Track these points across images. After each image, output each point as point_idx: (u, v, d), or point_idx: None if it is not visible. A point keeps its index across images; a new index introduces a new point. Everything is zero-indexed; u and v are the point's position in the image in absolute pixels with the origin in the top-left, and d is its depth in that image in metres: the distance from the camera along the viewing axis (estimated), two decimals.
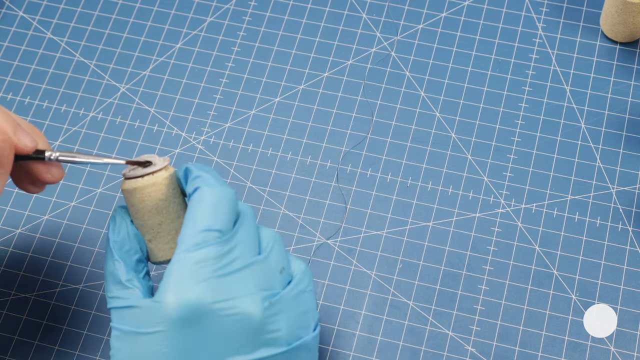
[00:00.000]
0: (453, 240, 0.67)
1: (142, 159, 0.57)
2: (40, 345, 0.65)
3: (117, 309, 0.55)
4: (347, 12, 0.76)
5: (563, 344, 0.63)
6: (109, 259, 0.57)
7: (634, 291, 0.65)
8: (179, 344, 0.53)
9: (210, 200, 0.55)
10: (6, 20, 0.77)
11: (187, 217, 0.55)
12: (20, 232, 0.69)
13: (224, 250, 0.54)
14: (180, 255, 0.54)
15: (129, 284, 0.55)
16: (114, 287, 0.56)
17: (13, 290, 0.67)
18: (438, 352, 0.63)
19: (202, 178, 0.56)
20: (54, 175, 0.58)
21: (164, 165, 0.57)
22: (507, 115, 0.71)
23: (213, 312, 0.53)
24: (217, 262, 0.54)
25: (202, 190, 0.55)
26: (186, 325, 0.53)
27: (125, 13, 0.77)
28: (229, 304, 0.53)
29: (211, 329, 0.53)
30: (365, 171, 0.70)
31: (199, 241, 0.54)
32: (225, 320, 0.53)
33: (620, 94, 0.71)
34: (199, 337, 0.53)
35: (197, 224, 0.54)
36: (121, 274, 0.56)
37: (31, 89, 0.74)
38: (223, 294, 0.53)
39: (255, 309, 0.54)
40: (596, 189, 0.68)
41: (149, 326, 0.53)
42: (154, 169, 0.57)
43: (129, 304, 0.55)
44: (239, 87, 0.73)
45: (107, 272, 0.57)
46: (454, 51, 0.74)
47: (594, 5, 0.75)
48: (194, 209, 0.55)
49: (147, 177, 0.56)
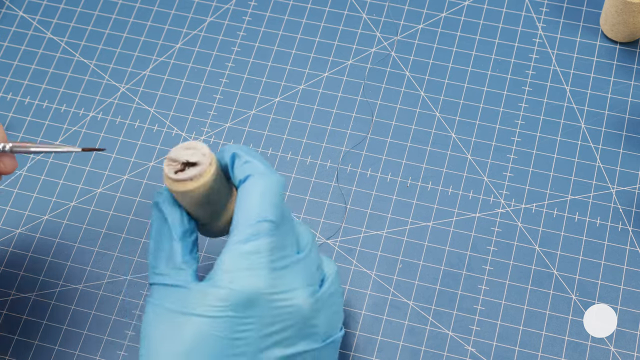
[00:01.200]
0: (453, 240, 0.67)
1: (182, 157, 0.56)
2: (40, 345, 0.65)
3: (162, 286, 0.55)
4: (347, 12, 0.76)
5: (563, 344, 0.63)
6: (164, 237, 0.56)
7: (634, 291, 0.65)
8: (231, 329, 0.53)
9: (263, 190, 0.55)
10: (6, 20, 0.77)
11: (239, 205, 0.55)
12: (20, 232, 0.69)
13: (278, 242, 0.55)
14: (236, 245, 0.54)
15: (183, 266, 0.56)
16: (164, 265, 0.56)
17: (13, 290, 0.67)
18: (438, 352, 0.63)
19: (251, 164, 0.56)
20: (6, 165, 0.58)
21: (208, 162, 0.56)
22: (507, 115, 0.71)
23: (269, 302, 0.54)
24: (272, 253, 0.54)
25: (254, 178, 0.56)
26: (241, 312, 0.53)
27: (125, 13, 0.77)
28: (284, 295, 0.54)
29: (264, 318, 0.54)
30: (365, 171, 0.70)
31: (254, 231, 0.54)
32: (279, 310, 0.54)
33: (620, 94, 0.71)
34: (252, 324, 0.54)
35: (251, 214, 0.55)
36: (178, 255, 0.56)
37: (31, 89, 0.74)
38: (278, 284, 0.54)
39: (306, 302, 0.55)
40: (596, 189, 0.68)
41: (200, 309, 0.53)
42: (201, 169, 0.55)
43: (180, 283, 0.55)
44: (239, 87, 0.73)
45: (159, 248, 0.56)
46: (454, 51, 0.74)
47: (594, 5, 0.75)
48: (246, 197, 0.55)
49: (196, 179, 0.56)
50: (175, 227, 0.57)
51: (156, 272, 0.56)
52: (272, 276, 0.54)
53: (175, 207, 0.57)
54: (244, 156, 0.57)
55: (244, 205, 0.55)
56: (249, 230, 0.54)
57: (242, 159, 0.57)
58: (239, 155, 0.57)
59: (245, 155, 0.57)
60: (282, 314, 0.54)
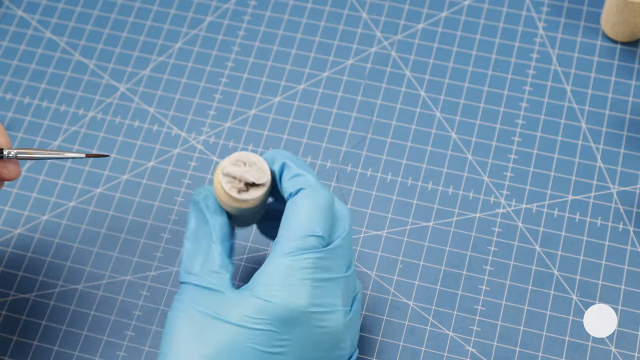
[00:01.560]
0: (453, 241, 0.67)
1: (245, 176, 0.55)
2: (40, 345, 0.65)
3: (195, 287, 0.55)
4: (347, 12, 0.76)
5: (564, 345, 0.63)
6: (202, 237, 0.56)
7: (635, 291, 0.65)
8: (267, 343, 0.53)
9: (314, 204, 0.55)
10: (5, 20, 0.77)
11: (288, 218, 0.55)
12: (20, 232, 0.69)
13: (326, 259, 0.54)
14: (281, 257, 0.53)
15: (221, 270, 0.55)
16: (200, 266, 0.55)
17: (12, 290, 0.67)
18: (438, 353, 0.63)
19: (302, 178, 0.56)
20: (10, 172, 0.58)
21: (268, 179, 0.56)
22: (507, 115, 0.71)
23: (307, 320, 0.53)
24: (317, 270, 0.54)
25: (306, 192, 0.55)
26: (280, 327, 0.53)
27: (124, 13, 0.77)
28: (324, 316, 0.54)
29: (302, 336, 0.53)
30: (365, 171, 0.70)
31: (302, 246, 0.54)
32: (317, 330, 0.54)
33: (621, 94, 0.71)
34: (289, 340, 0.53)
35: (299, 228, 0.54)
36: (216, 258, 0.55)
37: (30, 89, 0.74)
38: (319, 303, 0.54)
39: (342, 323, 0.54)
40: (597, 189, 0.68)
41: (237, 317, 0.53)
42: (263, 190, 0.55)
43: (216, 287, 0.54)
44: (239, 87, 0.73)
45: (196, 249, 0.56)
46: (454, 51, 0.74)
47: (594, 5, 0.75)
48: (296, 211, 0.55)
49: (255, 198, 0.55)
50: (217, 229, 0.56)
51: (190, 272, 0.55)
52: (314, 294, 0.53)
53: (219, 209, 0.57)
54: (294, 168, 0.56)
55: (293, 218, 0.55)
56: (295, 243, 0.54)
57: (292, 171, 0.56)
58: (288, 166, 0.56)
59: (295, 167, 0.56)
60: (320, 334, 0.54)
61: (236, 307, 0.53)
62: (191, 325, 0.54)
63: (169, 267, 0.67)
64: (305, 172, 0.56)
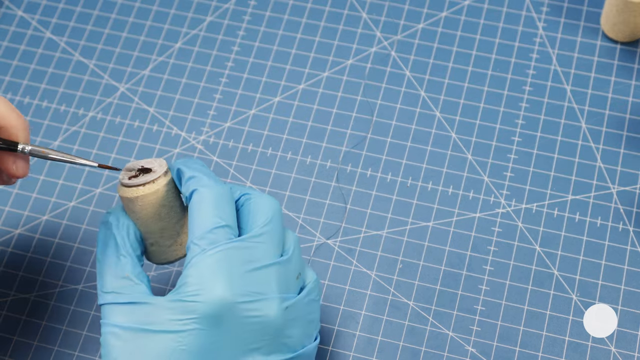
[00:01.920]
0: (453, 241, 0.67)
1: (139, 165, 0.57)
2: (40, 345, 0.65)
3: (116, 305, 0.54)
4: (347, 12, 0.76)
5: (563, 344, 0.63)
6: (111, 254, 0.56)
7: (635, 291, 0.65)
8: (199, 342, 0.52)
9: (211, 200, 0.55)
10: (5, 20, 0.77)
11: (191, 220, 0.55)
12: (20, 232, 0.69)
13: (245, 248, 0.54)
14: (197, 257, 0.53)
15: (136, 280, 0.55)
16: (115, 282, 0.55)
17: (13, 290, 0.67)
18: (438, 353, 0.63)
19: (196, 179, 0.56)
20: (18, 168, 0.57)
21: (163, 171, 0.56)
22: (507, 115, 0.71)
23: (237, 312, 0.53)
24: (238, 259, 0.53)
25: (200, 192, 0.55)
26: (210, 324, 0.52)
27: (124, 13, 0.77)
28: (254, 305, 0.53)
29: (233, 329, 0.53)
30: (365, 171, 0.70)
31: (211, 240, 0.53)
32: (248, 320, 0.53)
33: (621, 94, 0.71)
34: (221, 335, 0.53)
35: (204, 224, 0.54)
36: (128, 269, 0.55)
37: (30, 89, 0.74)
38: (247, 293, 0.53)
39: (277, 312, 0.54)
40: (597, 189, 0.68)
41: (166, 324, 0.52)
42: (154, 176, 0.56)
43: (138, 300, 0.54)
44: (239, 87, 0.73)
45: (106, 266, 0.55)
46: (454, 51, 0.74)
47: (594, 5, 0.75)
48: (196, 211, 0.55)
49: (148, 185, 0.56)
50: (124, 240, 0.56)
51: (106, 291, 0.55)
52: (238, 284, 0.53)
53: (125, 219, 0.56)
54: (187, 172, 0.56)
55: (193, 219, 0.54)
56: (204, 241, 0.53)
57: (186, 175, 0.56)
58: (182, 171, 0.56)
59: (188, 170, 0.56)
60: (252, 324, 0.53)
61: (161, 314, 0.53)
62: (123, 344, 0.53)
63: (169, 267, 0.67)
64: (197, 173, 0.56)
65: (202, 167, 0.57)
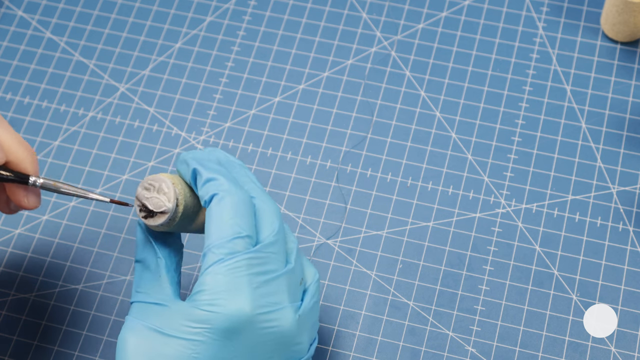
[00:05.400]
0: (453, 241, 0.67)
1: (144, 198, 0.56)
2: (40, 345, 0.65)
3: (143, 304, 0.54)
4: (347, 12, 0.76)
5: (563, 344, 0.63)
6: (149, 255, 0.56)
7: (635, 291, 0.65)
8: (214, 353, 0.52)
9: (231, 207, 0.54)
10: (5, 20, 0.77)
11: (209, 225, 0.54)
12: (20, 232, 0.69)
13: (260, 259, 0.53)
14: (213, 266, 0.53)
15: (166, 284, 0.55)
16: (147, 283, 0.55)
17: (12, 290, 0.67)
18: (438, 353, 0.63)
19: (214, 182, 0.54)
20: (29, 202, 0.57)
21: (175, 198, 0.55)
22: (507, 115, 0.71)
23: (255, 324, 0.53)
24: (255, 271, 0.53)
25: (219, 197, 0.54)
26: (224, 336, 0.52)
27: (124, 12, 0.77)
28: (270, 316, 0.53)
29: (250, 341, 0.53)
30: (365, 171, 0.70)
31: (231, 250, 0.53)
32: (265, 332, 0.53)
33: (621, 94, 0.71)
34: (236, 347, 0.53)
35: (224, 232, 0.53)
36: (162, 272, 0.55)
37: (30, 89, 0.74)
38: (264, 305, 0.53)
39: (292, 321, 0.54)
40: (597, 189, 0.68)
41: (181, 330, 0.52)
42: (164, 217, 0.55)
43: (160, 301, 0.54)
44: (239, 87, 0.73)
45: (143, 267, 0.56)
46: (454, 51, 0.74)
47: (594, 5, 0.75)
48: (216, 218, 0.54)
49: (160, 224, 0.55)
50: (159, 245, 0.56)
51: (138, 291, 0.55)
52: (254, 295, 0.53)
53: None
54: (205, 173, 0.55)
55: (213, 225, 0.53)
56: (223, 250, 0.53)
57: (203, 177, 0.55)
58: (199, 172, 0.55)
59: (205, 172, 0.55)
60: (268, 335, 0.53)
61: (179, 320, 0.52)
62: (139, 342, 0.53)
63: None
64: (216, 174, 0.55)
65: (219, 167, 0.56)
